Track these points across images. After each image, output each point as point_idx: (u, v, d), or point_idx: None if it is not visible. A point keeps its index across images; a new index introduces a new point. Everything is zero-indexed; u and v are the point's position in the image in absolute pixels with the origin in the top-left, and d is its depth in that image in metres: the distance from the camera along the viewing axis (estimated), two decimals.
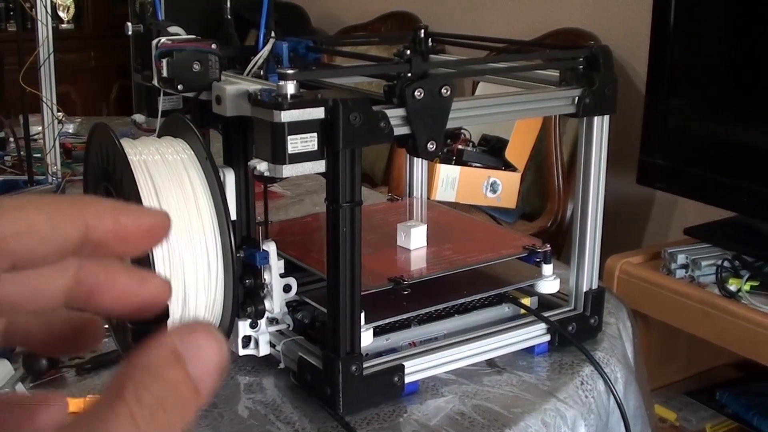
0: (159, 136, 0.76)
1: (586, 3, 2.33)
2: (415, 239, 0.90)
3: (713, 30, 1.76)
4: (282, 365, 0.80)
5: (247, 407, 0.77)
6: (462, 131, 1.55)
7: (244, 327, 0.79)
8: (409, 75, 0.73)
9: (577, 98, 0.83)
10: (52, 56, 1.38)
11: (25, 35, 1.56)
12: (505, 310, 0.90)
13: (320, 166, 0.69)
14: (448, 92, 0.74)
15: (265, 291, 0.79)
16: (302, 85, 0.68)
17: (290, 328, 0.81)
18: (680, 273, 1.66)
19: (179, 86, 0.75)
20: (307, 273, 0.84)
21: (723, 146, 1.74)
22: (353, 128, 0.69)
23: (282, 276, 0.79)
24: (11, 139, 1.53)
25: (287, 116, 0.66)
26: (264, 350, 0.80)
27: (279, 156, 0.67)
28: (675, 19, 1.74)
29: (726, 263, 1.61)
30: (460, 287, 0.86)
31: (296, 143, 0.67)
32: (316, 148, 0.68)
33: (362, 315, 0.75)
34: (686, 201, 2.02)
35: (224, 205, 0.70)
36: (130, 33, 0.82)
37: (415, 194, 1.08)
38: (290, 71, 0.68)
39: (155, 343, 0.25)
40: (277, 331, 0.81)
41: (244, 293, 0.78)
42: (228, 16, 0.92)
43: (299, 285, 0.81)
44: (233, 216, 0.75)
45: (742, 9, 1.70)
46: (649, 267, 1.72)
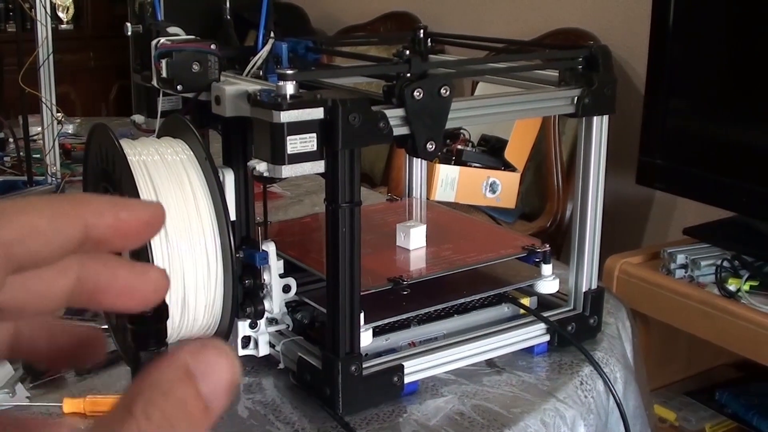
0: (158, 137, 0.76)
1: (586, 3, 2.33)
2: (415, 239, 0.90)
3: (713, 30, 1.76)
4: (281, 365, 0.80)
5: (247, 407, 0.77)
6: (461, 131, 1.55)
7: (244, 327, 0.79)
8: (409, 75, 0.73)
9: (577, 98, 0.83)
10: (52, 57, 1.38)
11: (25, 36, 1.56)
12: (505, 310, 0.90)
13: (319, 167, 0.69)
14: (448, 92, 0.74)
15: (265, 291, 0.79)
16: (301, 86, 0.68)
17: (290, 329, 0.81)
18: (680, 273, 1.66)
19: (178, 87, 0.75)
20: (307, 273, 0.84)
21: (722, 146, 1.74)
22: (352, 128, 0.69)
23: (281, 276, 0.79)
24: (11, 140, 1.53)
25: (286, 116, 0.66)
26: (263, 350, 0.80)
27: (278, 156, 0.67)
28: (674, 19, 1.74)
29: (725, 263, 1.61)
30: (460, 287, 0.86)
31: (295, 143, 0.67)
32: (316, 149, 0.68)
33: (362, 315, 0.75)
34: (686, 201, 2.02)
35: (224, 206, 0.70)
36: (130, 33, 0.82)
37: (415, 194, 1.08)
38: (289, 72, 0.68)
39: (167, 361, 0.25)
40: (277, 332, 0.81)
41: (244, 293, 0.78)
42: (227, 17, 0.92)
43: (299, 285, 0.81)
44: (233, 216, 0.75)
45: (742, 9, 1.70)
46: (649, 267, 1.72)
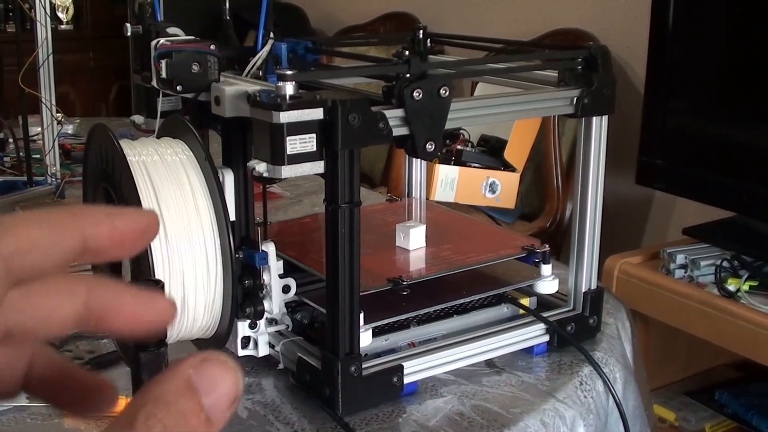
0: (158, 137, 0.76)
1: (585, 3, 2.33)
2: (414, 240, 0.90)
3: (712, 30, 1.76)
4: (281, 366, 0.80)
5: (247, 408, 0.77)
6: (461, 132, 1.55)
7: (243, 328, 0.79)
8: (408, 75, 0.73)
9: (576, 98, 0.83)
10: (51, 57, 1.38)
11: (24, 36, 1.56)
12: (504, 311, 0.90)
13: (319, 167, 0.69)
14: (447, 93, 0.74)
15: (264, 292, 0.79)
16: (301, 86, 0.68)
17: (289, 329, 0.81)
18: (679, 273, 1.66)
19: (178, 87, 0.75)
20: (306, 274, 0.84)
21: (722, 146, 1.74)
22: (352, 129, 0.69)
23: (281, 277, 0.79)
24: (10, 140, 1.53)
25: (286, 117, 0.66)
26: (263, 351, 0.80)
27: (278, 157, 0.67)
28: (674, 20, 1.74)
29: (725, 263, 1.61)
30: (459, 288, 0.86)
31: (295, 144, 0.67)
32: (315, 149, 0.68)
33: (361, 315, 0.75)
34: (685, 201, 2.02)
35: (223, 206, 0.70)
36: (129, 34, 0.82)
37: (414, 195, 1.08)
38: (289, 72, 0.68)
39: (169, 373, 0.25)
40: (276, 332, 0.81)
41: (243, 294, 0.78)
42: (227, 17, 0.92)
43: (298, 285, 0.81)
44: (232, 217, 0.75)
45: (742, 9, 1.70)
46: (648, 267, 1.72)
